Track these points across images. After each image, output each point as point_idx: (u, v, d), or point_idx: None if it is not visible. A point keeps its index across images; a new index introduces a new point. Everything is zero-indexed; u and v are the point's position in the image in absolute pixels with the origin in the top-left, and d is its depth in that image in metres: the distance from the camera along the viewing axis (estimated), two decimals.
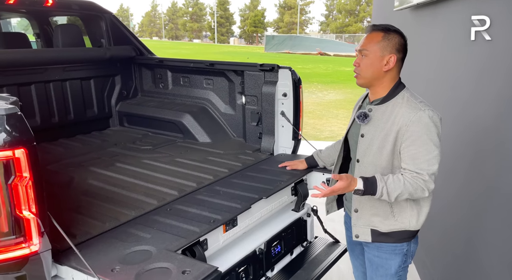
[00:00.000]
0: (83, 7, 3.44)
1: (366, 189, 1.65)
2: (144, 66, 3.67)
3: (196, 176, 2.45)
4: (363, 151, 1.77)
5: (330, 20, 61.63)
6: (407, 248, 1.82)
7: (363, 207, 1.81)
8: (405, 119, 1.63)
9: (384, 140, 1.69)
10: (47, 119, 3.19)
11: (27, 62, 2.99)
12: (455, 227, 2.51)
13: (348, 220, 2.01)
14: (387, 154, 1.69)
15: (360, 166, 1.80)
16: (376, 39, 1.67)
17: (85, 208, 2.01)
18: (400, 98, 1.70)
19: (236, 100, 3.15)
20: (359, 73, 1.73)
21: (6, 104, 1.36)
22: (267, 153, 2.89)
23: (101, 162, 2.71)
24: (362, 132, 1.77)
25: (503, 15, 1.94)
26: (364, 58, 1.70)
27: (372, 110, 1.74)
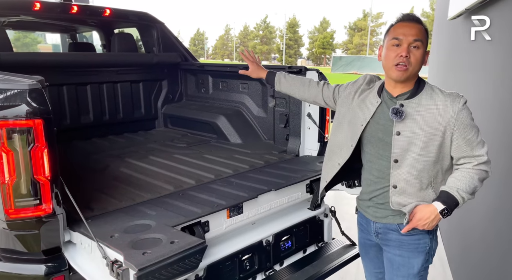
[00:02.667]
0: (138, 17, 3.82)
1: (448, 205, 1.57)
2: (188, 72, 3.92)
3: (217, 169, 2.55)
4: (403, 150, 1.61)
5: None
6: (430, 246, 1.72)
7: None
8: (452, 109, 1.56)
9: (430, 134, 1.58)
10: (99, 117, 3.54)
11: (85, 63, 3.39)
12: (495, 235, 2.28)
13: (362, 221, 1.92)
14: (435, 147, 1.58)
15: (400, 167, 1.63)
16: (425, 31, 1.60)
17: (109, 189, 2.21)
18: (430, 89, 1.63)
19: (268, 103, 3.23)
20: (410, 66, 1.58)
21: (31, 81, 1.58)
22: (293, 154, 2.90)
23: (137, 154, 2.94)
24: (397, 129, 1.61)
25: None
26: (416, 50, 1.58)
27: (404, 105, 1.62)
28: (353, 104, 1.78)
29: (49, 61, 3.22)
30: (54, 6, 3.25)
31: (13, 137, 1.52)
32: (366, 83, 1.81)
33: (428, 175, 1.62)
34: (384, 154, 1.68)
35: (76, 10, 3.31)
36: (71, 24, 4.62)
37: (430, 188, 1.64)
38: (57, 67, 3.24)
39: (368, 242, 1.88)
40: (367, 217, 1.81)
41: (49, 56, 3.59)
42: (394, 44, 1.60)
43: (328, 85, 2.02)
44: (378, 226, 1.77)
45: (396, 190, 1.65)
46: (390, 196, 1.67)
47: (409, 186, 1.63)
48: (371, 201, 1.78)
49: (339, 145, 1.84)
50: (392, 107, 1.62)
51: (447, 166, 1.64)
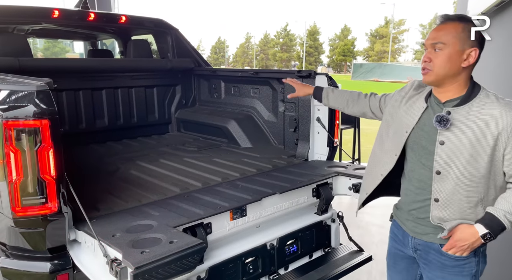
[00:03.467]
0: (153, 24, 3.91)
1: (492, 230, 1.44)
2: (202, 78, 3.97)
3: (224, 173, 2.55)
4: (447, 161, 1.49)
5: None
6: (476, 269, 1.57)
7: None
8: (507, 119, 1.41)
9: (478, 145, 1.44)
10: (113, 121, 3.62)
11: (101, 69, 3.48)
12: None
13: (398, 232, 1.76)
14: (485, 161, 1.43)
15: (443, 179, 1.50)
16: (455, 30, 1.46)
17: (117, 191, 2.25)
18: (485, 96, 1.48)
19: (278, 108, 3.23)
20: (431, 69, 1.50)
21: (39, 83, 1.64)
22: (302, 158, 2.88)
23: (148, 157, 2.98)
24: (441, 138, 1.49)
25: None
26: (438, 53, 1.48)
27: (451, 113, 1.49)
28: (399, 111, 1.68)
29: (66, 67, 3.33)
30: (72, 13, 3.36)
31: (21, 137, 1.57)
32: (414, 88, 1.70)
33: (477, 192, 1.46)
34: (427, 164, 1.55)
35: (93, 17, 3.41)
36: (91, 32, 4.77)
37: (480, 206, 1.48)
38: (74, 72, 3.34)
39: (400, 254, 1.76)
40: (405, 230, 1.68)
41: (66, 62, 3.71)
42: (425, 48, 1.56)
43: (375, 95, 1.95)
44: (418, 242, 1.64)
45: (438, 204, 1.52)
46: (431, 210, 1.54)
47: (453, 201, 1.49)
48: (410, 214, 1.65)
49: (383, 155, 1.72)
50: (437, 115, 1.50)
51: (501, 183, 1.48)
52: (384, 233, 4.06)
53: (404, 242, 1.71)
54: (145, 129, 3.82)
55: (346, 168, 2.49)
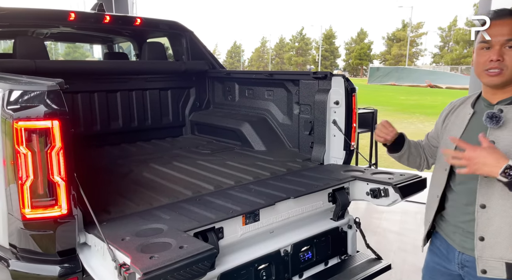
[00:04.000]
0: (168, 26, 3.90)
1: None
2: (216, 80, 3.94)
3: (237, 176, 2.50)
4: None
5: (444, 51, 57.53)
6: None
7: (495, 234, 1.42)
8: None
9: None
10: (128, 124, 3.62)
11: (115, 71, 3.49)
12: None
13: (441, 245, 1.64)
14: None
15: (491, 184, 1.41)
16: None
17: (129, 193, 2.22)
18: None
19: (293, 110, 3.16)
20: (505, 68, 1.40)
21: (51, 83, 1.61)
22: (317, 162, 2.80)
23: (162, 160, 2.95)
24: (491, 138, 1.41)
25: None
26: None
27: (503, 111, 1.42)
28: (448, 125, 1.61)
29: (81, 69, 3.35)
30: (88, 16, 3.38)
31: (31, 137, 1.55)
32: (461, 101, 1.65)
33: None
34: None
35: (108, 19, 3.42)
36: (107, 35, 4.81)
37: None
38: (89, 74, 3.36)
39: (441, 269, 1.64)
40: (451, 244, 1.57)
41: (81, 64, 3.74)
42: (483, 47, 1.45)
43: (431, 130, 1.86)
44: (466, 258, 1.51)
45: (484, 211, 1.42)
46: (476, 218, 1.43)
47: (503, 208, 1.38)
48: (458, 227, 1.54)
49: (435, 175, 1.64)
50: (487, 111, 1.42)
51: None
52: (403, 241, 3.96)
53: (448, 257, 1.59)
54: (159, 132, 3.81)
55: (363, 173, 2.40)
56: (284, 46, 74.50)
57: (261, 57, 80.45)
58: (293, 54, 72.29)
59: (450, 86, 32.06)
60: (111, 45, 5.40)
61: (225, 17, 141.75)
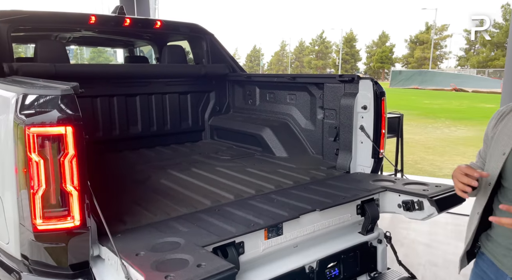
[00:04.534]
0: (188, 29, 3.82)
1: None
2: (236, 83, 3.84)
3: (258, 184, 2.38)
4: None
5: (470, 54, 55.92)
6: None
7: None
8: None
9: None
10: (147, 128, 3.55)
11: (134, 74, 3.43)
12: None
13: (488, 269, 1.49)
14: None
15: None
16: None
17: (146, 202, 2.12)
18: None
19: (317, 115, 3.02)
20: None
21: (65, 86, 1.53)
22: (343, 170, 2.64)
23: (180, 166, 2.86)
24: None
25: None
26: None
27: None
28: (495, 135, 1.46)
29: (101, 72, 3.30)
30: (109, 19, 3.34)
31: (44, 144, 1.47)
32: (510, 108, 1.49)
33: None
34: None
35: (128, 22, 3.37)
36: (128, 38, 4.79)
37: None
38: (109, 78, 3.31)
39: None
40: (500, 268, 1.42)
41: (101, 68, 3.71)
42: None
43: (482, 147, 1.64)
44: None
45: None
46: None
47: None
48: (511, 250, 1.39)
49: (478, 190, 1.46)
50: None
51: None
52: (433, 254, 3.73)
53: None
54: (178, 136, 3.73)
55: (394, 183, 2.23)
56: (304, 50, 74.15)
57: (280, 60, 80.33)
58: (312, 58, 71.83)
59: (476, 90, 31.05)
60: (132, 49, 5.39)
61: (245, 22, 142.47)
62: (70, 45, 5.13)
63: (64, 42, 4.57)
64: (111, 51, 39.59)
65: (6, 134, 1.57)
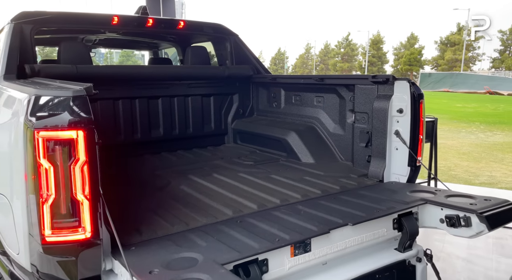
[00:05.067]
0: (212, 29, 3.71)
1: None
2: (260, 85, 3.69)
3: (283, 193, 2.21)
4: None
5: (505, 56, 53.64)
6: None
7: None
8: None
9: None
10: (169, 131, 3.45)
11: (156, 76, 3.34)
12: None
13: None
14: None
15: None
16: None
17: (164, 210, 2.00)
18: None
19: (346, 118, 2.82)
20: None
21: (78, 87, 1.43)
22: (375, 179, 2.44)
23: (201, 172, 2.74)
24: None
25: None
26: None
27: None
28: None
29: (123, 74, 3.24)
30: (131, 19, 3.27)
31: (54, 149, 1.36)
32: None
33: None
34: None
35: (151, 23, 3.29)
36: (152, 40, 4.74)
37: None
38: (130, 80, 3.23)
39: None
40: None
41: (123, 69, 3.65)
42: None
43: None
44: None
45: None
46: None
47: None
48: None
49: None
50: None
51: None
52: (473, 270, 3.43)
53: None
54: (200, 140, 3.61)
55: (435, 195, 2.01)
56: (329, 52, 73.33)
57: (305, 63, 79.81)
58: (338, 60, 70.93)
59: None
60: (156, 51, 5.35)
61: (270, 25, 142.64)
62: (96, 47, 5.13)
63: (90, 44, 4.58)
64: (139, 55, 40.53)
65: (17, 138, 1.48)
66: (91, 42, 4.47)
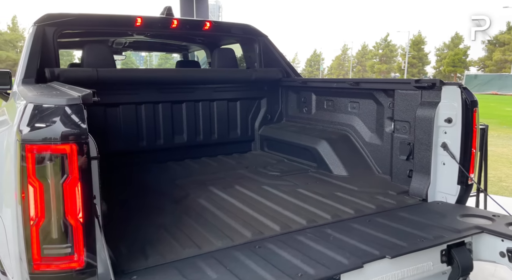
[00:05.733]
0: (240, 30, 3.52)
1: None
2: (290, 89, 3.45)
3: (311, 212, 1.96)
4: None
5: None
6: None
7: None
8: None
9: None
10: (193, 138, 3.29)
11: (181, 80, 3.19)
12: None
13: None
14: None
15: None
16: None
17: (177, 228, 1.82)
18: None
19: (385, 127, 2.52)
20: None
21: (74, 94, 1.26)
22: (418, 198, 2.13)
23: (223, 182, 2.54)
24: None
25: None
26: None
27: None
28: None
29: (146, 78, 3.11)
30: (155, 21, 3.14)
31: (44, 164, 1.20)
32: None
33: None
34: None
35: (176, 24, 3.14)
36: (180, 42, 4.63)
37: None
38: (153, 83, 3.10)
39: None
40: None
41: (146, 73, 3.53)
42: None
43: None
44: None
45: None
46: None
47: None
48: None
49: None
50: None
51: None
52: None
53: None
54: (225, 147, 3.43)
55: (493, 221, 1.69)
56: (367, 53, 71.56)
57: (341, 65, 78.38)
58: (376, 62, 69.03)
59: None
60: (186, 53, 5.25)
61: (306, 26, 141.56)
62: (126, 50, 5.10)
63: (120, 47, 4.54)
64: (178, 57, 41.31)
65: (8, 151, 1.34)
66: (121, 44, 4.42)
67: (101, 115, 2.92)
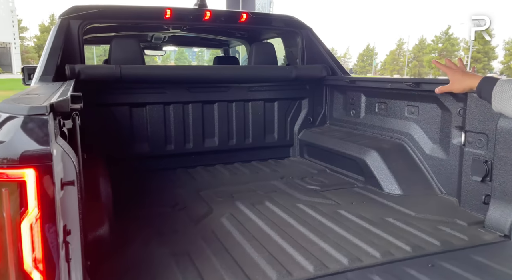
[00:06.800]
0: (281, 22, 3.16)
1: None
2: (336, 89, 3.02)
3: (354, 246, 1.57)
4: None
5: None
6: None
7: None
8: None
9: None
10: (225, 142, 2.99)
11: (211, 78, 2.89)
12: None
13: None
14: None
15: None
16: None
17: (188, 258, 1.52)
18: None
19: (451, 138, 2.04)
20: None
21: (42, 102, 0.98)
22: (498, 233, 1.65)
23: (252, 196, 2.21)
24: None
25: None
26: None
27: None
28: None
29: (174, 76, 2.84)
30: (186, 13, 2.86)
31: None
32: None
33: None
34: None
35: (209, 16, 2.84)
36: (219, 37, 4.36)
37: None
38: (183, 82, 2.82)
39: None
40: None
41: (174, 70, 3.26)
42: None
43: None
44: None
45: None
46: None
47: None
48: None
49: None
50: None
51: None
52: None
53: None
54: (261, 152, 3.09)
55: None
56: (425, 48, 67.57)
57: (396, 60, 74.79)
58: (435, 56, 64.95)
59: None
60: (227, 49, 4.97)
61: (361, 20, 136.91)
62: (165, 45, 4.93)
63: (160, 42, 4.35)
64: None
65: None
66: (161, 39, 4.24)
67: (126, 115, 2.70)
